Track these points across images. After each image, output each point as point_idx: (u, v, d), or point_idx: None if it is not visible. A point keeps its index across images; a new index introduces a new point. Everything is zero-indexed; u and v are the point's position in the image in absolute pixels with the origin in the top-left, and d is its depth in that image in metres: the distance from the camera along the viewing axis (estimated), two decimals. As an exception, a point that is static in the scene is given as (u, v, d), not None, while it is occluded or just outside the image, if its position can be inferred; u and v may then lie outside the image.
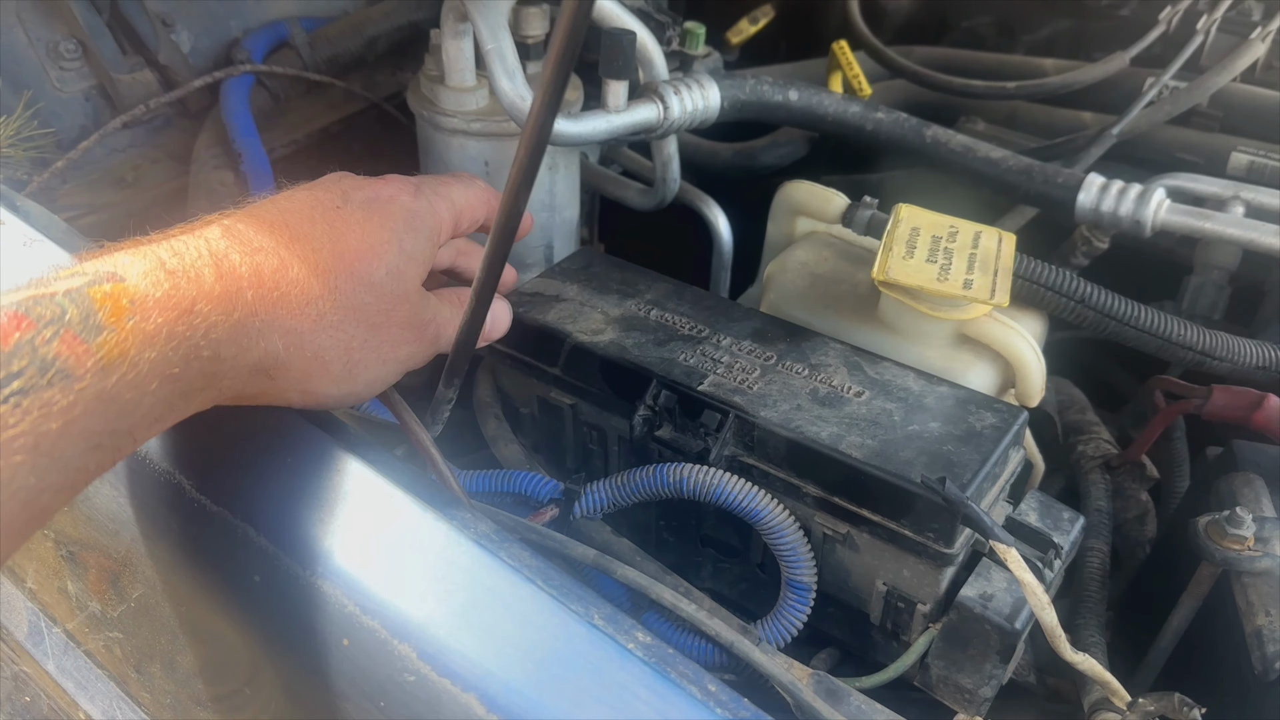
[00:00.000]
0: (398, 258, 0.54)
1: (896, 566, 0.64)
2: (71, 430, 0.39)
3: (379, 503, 0.50)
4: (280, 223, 0.51)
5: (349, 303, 0.51)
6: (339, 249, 0.52)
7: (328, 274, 0.50)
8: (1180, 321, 0.79)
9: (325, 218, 0.53)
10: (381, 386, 0.56)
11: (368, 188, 0.57)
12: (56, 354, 0.39)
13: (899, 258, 0.73)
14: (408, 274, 0.55)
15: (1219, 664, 0.67)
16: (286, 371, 0.49)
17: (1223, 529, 0.65)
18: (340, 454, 0.51)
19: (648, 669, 0.45)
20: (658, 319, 0.76)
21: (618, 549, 0.69)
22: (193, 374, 0.44)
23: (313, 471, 0.51)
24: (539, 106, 0.43)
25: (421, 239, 0.57)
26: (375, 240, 0.54)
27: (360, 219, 0.54)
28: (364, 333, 0.52)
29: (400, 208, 0.57)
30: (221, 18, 0.99)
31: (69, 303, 0.40)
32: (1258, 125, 1.09)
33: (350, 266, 0.52)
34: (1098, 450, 0.85)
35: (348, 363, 0.52)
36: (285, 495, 0.50)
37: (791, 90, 0.96)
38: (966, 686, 0.63)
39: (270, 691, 0.51)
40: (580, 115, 0.81)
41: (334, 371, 0.52)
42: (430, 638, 0.45)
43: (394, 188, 0.58)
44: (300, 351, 0.49)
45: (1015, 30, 1.32)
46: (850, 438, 0.64)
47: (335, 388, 0.52)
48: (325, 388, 0.52)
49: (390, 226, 0.55)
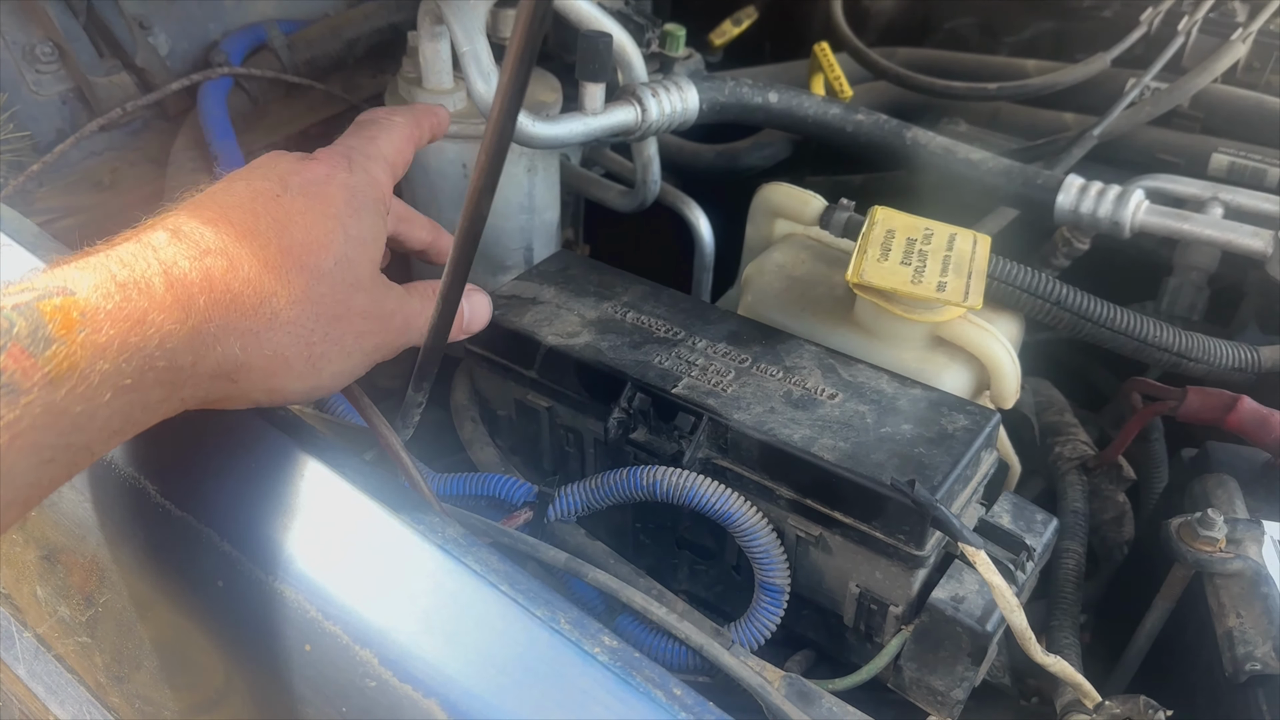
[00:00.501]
0: (344, 245, 0.53)
1: (869, 569, 0.64)
2: (19, 444, 0.39)
3: (342, 507, 0.50)
4: (224, 219, 0.49)
5: (303, 297, 0.50)
6: (285, 243, 0.51)
7: (278, 270, 0.50)
8: (1156, 323, 0.80)
9: (267, 209, 0.51)
10: (348, 378, 0.55)
11: (304, 170, 0.55)
12: (2, 367, 0.39)
13: (874, 260, 0.73)
14: (358, 260, 0.54)
15: (1192, 666, 0.67)
16: (248, 373, 0.49)
17: (1195, 530, 0.65)
18: (304, 458, 0.51)
19: (610, 674, 0.45)
20: (634, 321, 0.76)
21: (591, 552, 0.69)
22: (149, 384, 0.44)
23: (276, 475, 0.51)
24: (498, 109, 0.43)
25: (367, 218, 0.56)
26: (320, 231, 0.52)
27: (301, 207, 0.52)
28: (323, 326, 0.52)
29: (339, 187, 0.55)
30: (200, 20, 0.99)
31: (17, 316, 0.40)
32: (1239, 126, 1.09)
33: (299, 260, 0.51)
34: (1075, 452, 0.85)
35: (309, 357, 0.51)
36: (248, 500, 0.50)
37: (771, 92, 0.96)
38: (939, 688, 0.63)
39: (236, 696, 0.51)
40: (557, 118, 0.81)
41: (297, 368, 0.51)
42: (392, 643, 0.45)
43: (328, 165, 0.56)
44: (259, 352, 0.48)
45: (998, 31, 1.32)
46: (823, 440, 0.64)
47: (300, 383, 0.52)
48: (290, 384, 0.51)
49: (332, 213, 0.54)
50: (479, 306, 0.68)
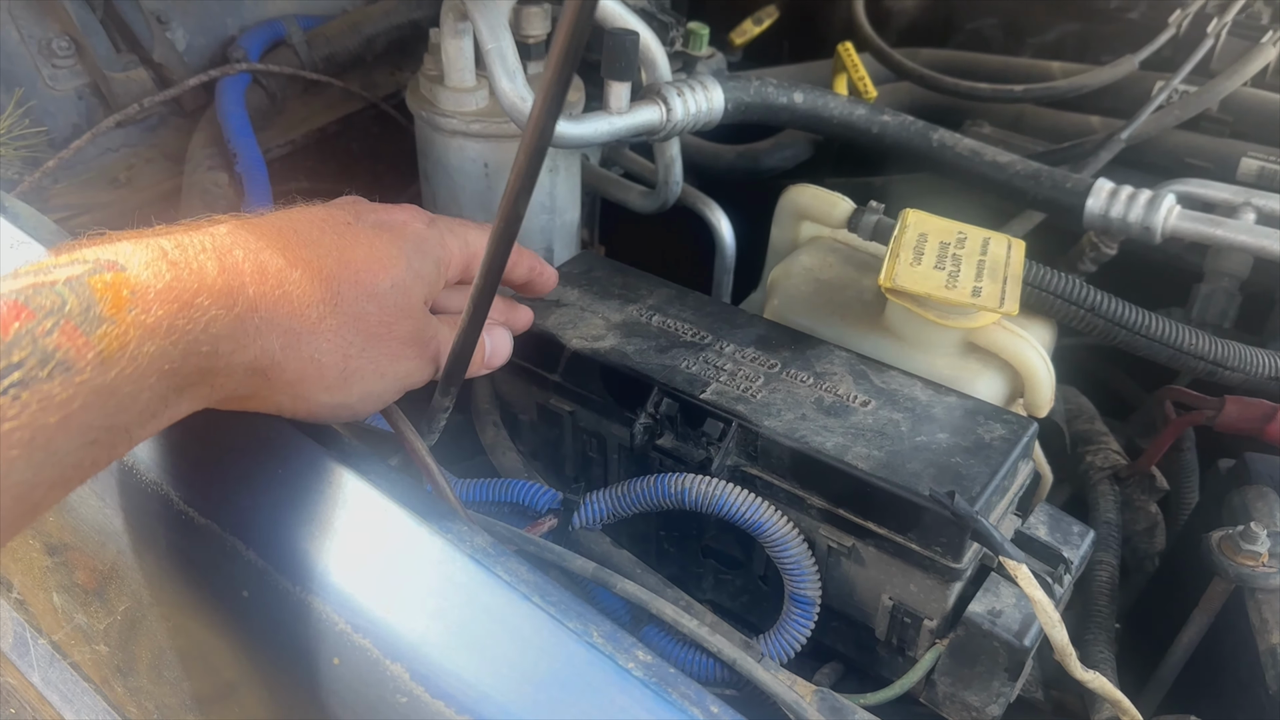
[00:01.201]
0: (404, 274, 0.54)
1: (903, 581, 0.63)
2: (70, 425, 0.38)
3: (371, 516, 0.48)
4: (289, 229, 0.50)
5: (350, 310, 0.51)
6: (345, 258, 0.51)
7: (331, 280, 0.50)
8: (1192, 330, 0.78)
9: (335, 229, 0.53)
10: (376, 402, 0.55)
11: (381, 211, 0.57)
12: (57, 345, 0.38)
13: (906, 264, 0.71)
14: (413, 290, 0.55)
15: (1231, 682, 0.66)
16: (281, 373, 0.48)
17: (1236, 544, 0.64)
18: (332, 465, 0.50)
19: (648, 690, 0.44)
20: (659, 325, 0.75)
21: (617, 561, 0.68)
22: (189, 369, 0.43)
23: (304, 483, 0.49)
24: (540, 109, 0.41)
25: (429, 263, 0.57)
26: (383, 255, 0.53)
27: (369, 235, 0.54)
28: (362, 342, 0.52)
29: (412, 233, 0.57)
30: (217, 15, 0.97)
31: (69, 292, 0.39)
32: (1268, 130, 1.07)
33: (355, 275, 0.51)
34: (1106, 461, 0.84)
35: (344, 371, 0.51)
36: (275, 508, 0.49)
37: (796, 92, 0.95)
38: (973, 704, 0.61)
39: (258, 709, 0.50)
40: (582, 117, 0.80)
41: (329, 378, 0.50)
42: (424, 658, 0.44)
43: (407, 214, 0.58)
44: (297, 353, 0.48)
45: (1022, 33, 1.30)
46: (856, 448, 0.63)
47: (329, 395, 0.51)
48: (318, 394, 0.51)
49: (399, 245, 0.55)
50: (500, 343, 0.67)
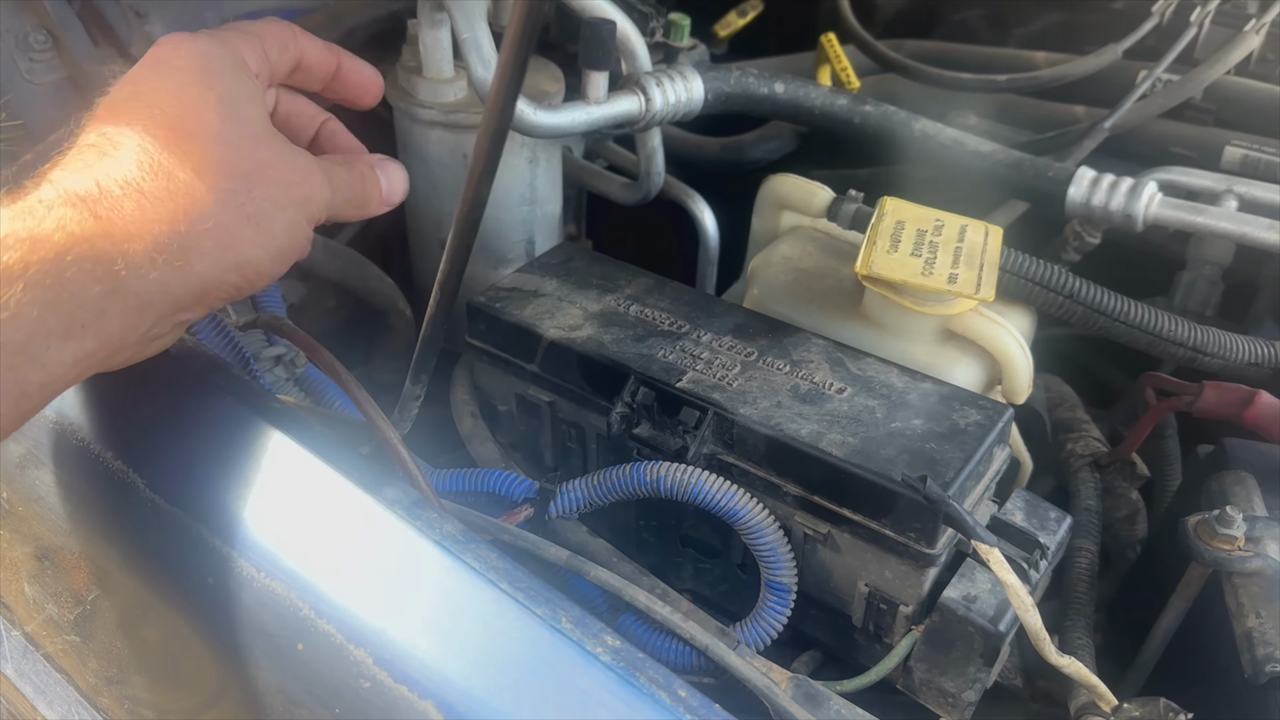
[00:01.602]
0: (220, 104, 0.51)
1: (878, 567, 0.63)
2: None
3: (336, 502, 0.48)
4: (100, 137, 0.49)
5: (206, 163, 0.49)
6: (163, 121, 0.49)
7: (168, 146, 0.49)
8: (1171, 317, 0.78)
9: (130, 108, 0.50)
10: (303, 236, 0.54)
11: (148, 59, 0.53)
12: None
13: (883, 252, 0.71)
14: (243, 117, 0.52)
15: (1209, 666, 0.66)
16: (195, 253, 0.48)
17: (1213, 528, 0.64)
18: (298, 452, 0.50)
19: (613, 674, 0.44)
20: (637, 314, 0.75)
21: (593, 549, 0.68)
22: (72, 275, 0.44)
23: (270, 470, 0.49)
24: (496, 92, 0.41)
25: (231, 76, 0.53)
26: (189, 97, 0.50)
27: (158, 87, 0.51)
28: (241, 184, 0.50)
29: (188, 55, 0.52)
30: (197, 9, 0.97)
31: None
32: (1252, 119, 1.07)
33: (183, 129, 0.49)
34: (1087, 448, 0.84)
35: (250, 218, 0.50)
36: (240, 494, 0.49)
37: (777, 83, 0.95)
38: (950, 690, 0.61)
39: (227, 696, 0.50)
40: (559, 107, 0.80)
41: (245, 233, 0.50)
42: (387, 643, 0.44)
43: (170, 43, 0.54)
44: (193, 228, 0.48)
45: (1007, 23, 1.30)
46: (831, 435, 0.63)
47: (260, 248, 0.51)
48: (251, 251, 0.50)
49: (191, 79, 0.51)
50: (395, 178, 0.63)
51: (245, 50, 0.56)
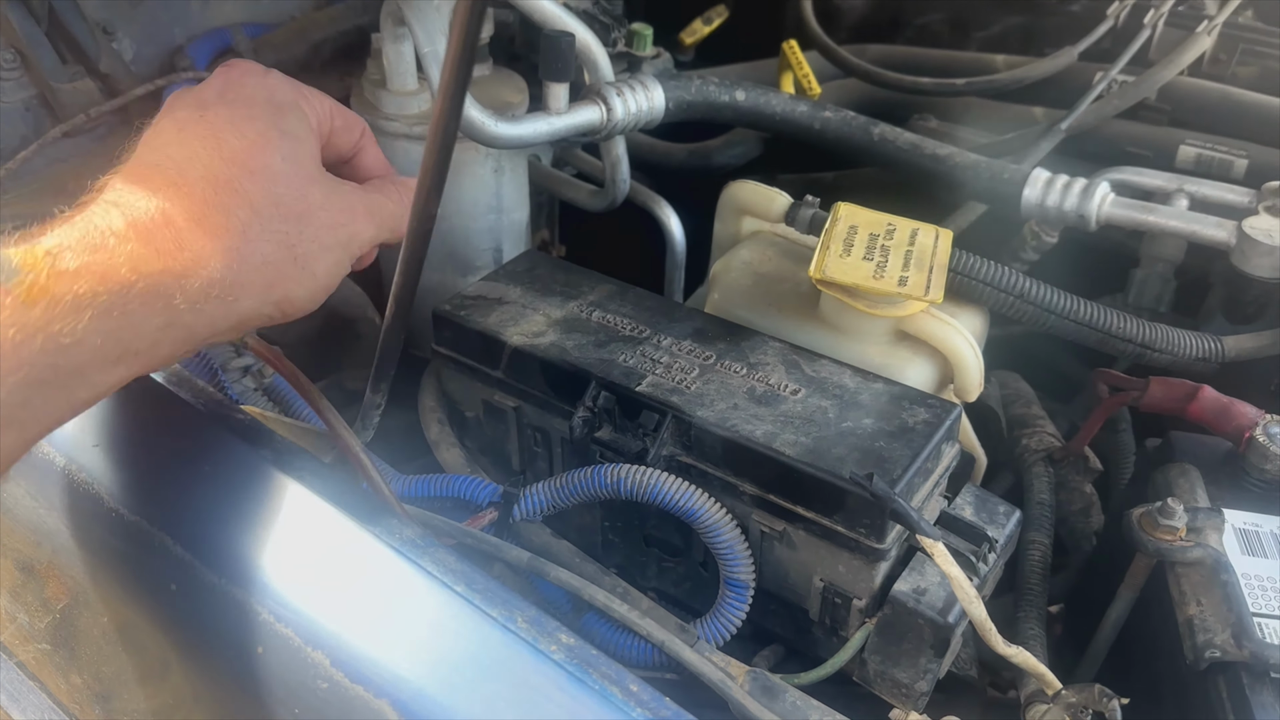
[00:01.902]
0: (282, 140, 0.53)
1: (832, 562, 0.64)
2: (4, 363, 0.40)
3: (295, 510, 0.50)
4: (164, 159, 0.50)
5: (265, 202, 0.51)
6: (225, 154, 0.50)
7: (231, 183, 0.50)
8: (1119, 314, 0.80)
9: (196, 132, 0.51)
10: (341, 272, 0.56)
11: (214, 83, 0.55)
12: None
13: (836, 256, 0.73)
14: (302, 155, 0.54)
15: (1156, 654, 0.67)
16: (243, 289, 0.49)
17: (1155, 520, 0.65)
18: (258, 462, 0.51)
19: (563, 671, 0.45)
20: (599, 320, 0.76)
21: (556, 551, 0.69)
22: (135, 307, 0.45)
23: (230, 479, 0.51)
24: (440, 110, 0.43)
25: (291, 115, 0.55)
26: (253, 133, 0.52)
27: (226, 117, 0.52)
28: (293, 225, 0.52)
29: (256, 88, 0.55)
30: (164, 25, 0.98)
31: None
32: (1205, 118, 1.10)
33: (245, 165, 0.51)
34: (1041, 443, 0.86)
35: (296, 259, 0.52)
36: (202, 504, 0.50)
37: (738, 90, 0.97)
38: (903, 680, 0.63)
39: (192, 699, 0.51)
40: (520, 117, 0.81)
41: (290, 272, 0.52)
42: (344, 645, 0.45)
43: (238, 70, 0.56)
44: (246, 266, 0.49)
45: (967, 27, 1.33)
46: (785, 435, 0.65)
47: (301, 287, 0.53)
48: (290, 291, 0.52)
49: (257, 113, 0.53)
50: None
51: (308, 95, 0.58)
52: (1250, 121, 1.07)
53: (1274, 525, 0.67)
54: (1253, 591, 0.63)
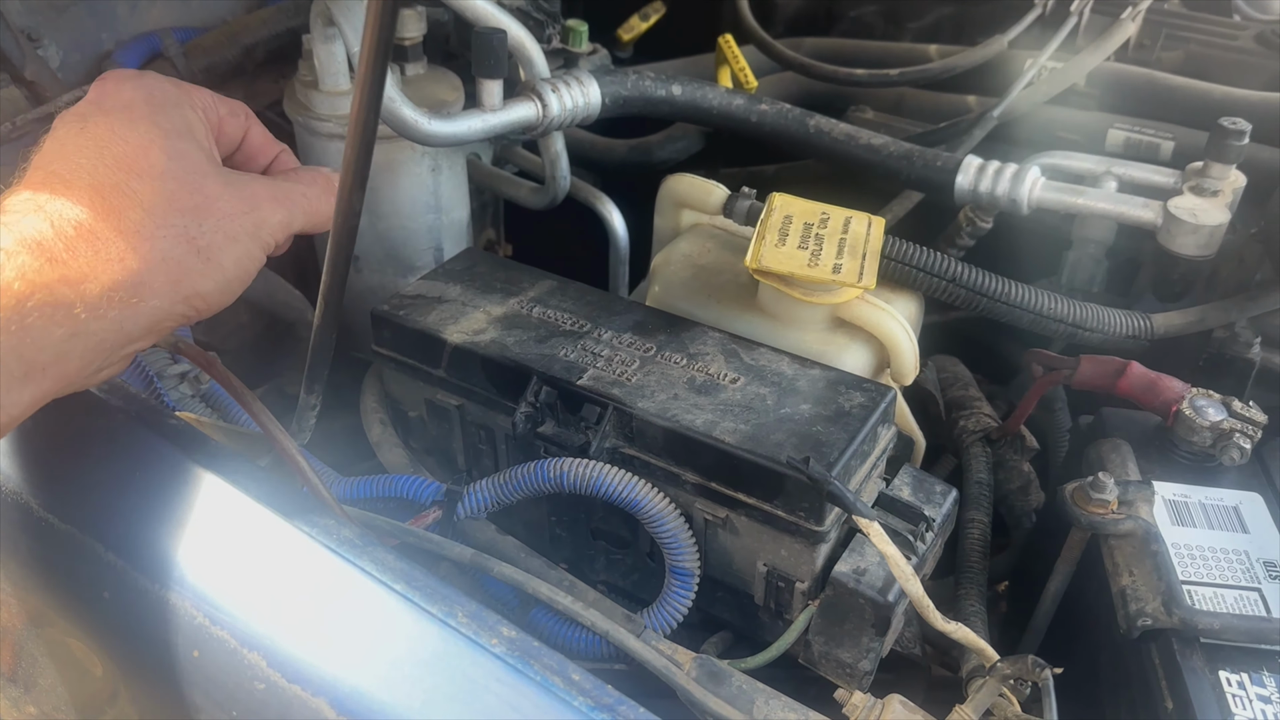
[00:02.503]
0: (166, 140, 0.52)
1: (774, 547, 0.65)
2: None
3: (229, 513, 0.49)
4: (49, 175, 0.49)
5: (155, 199, 0.50)
6: (110, 160, 0.50)
7: (118, 187, 0.49)
8: (1050, 295, 0.82)
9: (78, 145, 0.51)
10: (253, 264, 0.55)
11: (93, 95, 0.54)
12: None
13: (771, 245, 0.74)
14: (189, 151, 0.53)
15: (1094, 625, 0.69)
16: (148, 289, 0.49)
17: (1087, 494, 0.67)
18: (190, 466, 0.51)
19: (502, 664, 0.46)
20: (540, 316, 0.76)
21: (501, 547, 0.69)
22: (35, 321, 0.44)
23: (162, 484, 0.50)
24: (358, 108, 0.43)
25: (174, 111, 0.54)
26: (135, 136, 0.51)
27: (104, 125, 0.51)
28: (191, 219, 0.51)
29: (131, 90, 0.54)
30: (91, 30, 0.97)
31: None
32: (1133, 102, 1.12)
33: (131, 168, 0.50)
34: (978, 424, 0.87)
35: (200, 252, 0.51)
36: (134, 510, 0.50)
37: (675, 85, 0.97)
38: (846, 661, 0.64)
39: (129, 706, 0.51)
40: (455, 116, 0.81)
41: (194, 265, 0.51)
42: (281, 646, 0.45)
43: (111, 80, 0.55)
44: (146, 265, 0.48)
45: (901, 18, 1.34)
46: (724, 424, 0.65)
47: (209, 281, 0.52)
48: (198, 285, 0.51)
49: (139, 115, 0.52)
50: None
51: (189, 90, 0.57)
52: (1176, 105, 1.09)
53: (1202, 496, 0.69)
54: (1182, 560, 0.65)
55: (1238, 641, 0.60)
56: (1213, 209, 0.87)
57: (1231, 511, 0.68)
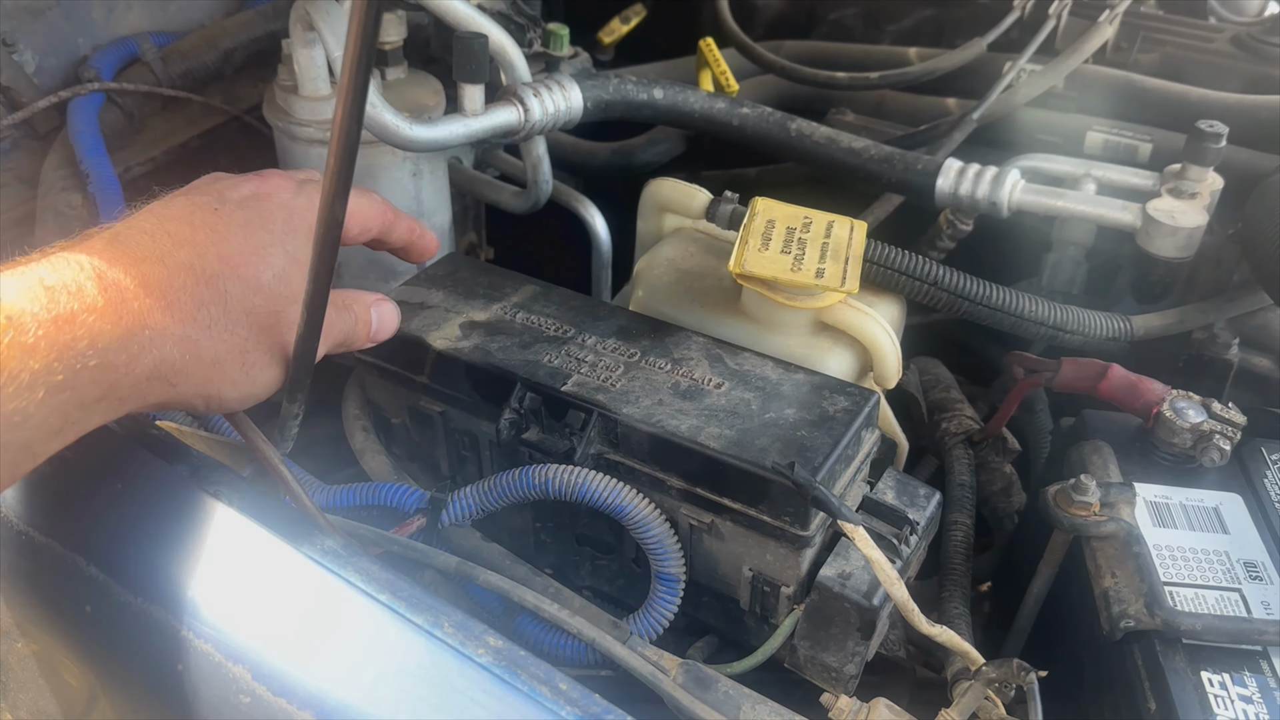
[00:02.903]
0: (282, 260, 0.54)
1: (759, 552, 0.65)
2: None
3: (212, 525, 0.49)
4: (161, 230, 0.51)
5: (239, 308, 0.52)
6: (223, 253, 0.52)
7: (215, 279, 0.51)
8: (1031, 298, 0.82)
9: (205, 221, 0.52)
10: (278, 384, 0.56)
11: (245, 185, 0.57)
12: None
13: (755, 250, 0.74)
14: (293, 277, 0.55)
15: (1077, 627, 0.69)
16: (186, 378, 0.49)
17: (1069, 496, 0.67)
18: (173, 477, 0.50)
19: (489, 674, 0.45)
20: (524, 322, 0.76)
21: (486, 555, 0.69)
22: (83, 383, 0.44)
23: (143, 497, 0.50)
24: (341, 114, 0.42)
25: (303, 239, 0.56)
26: (258, 243, 0.53)
27: (240, 220, 0.54)
28: (256, 335, 0.53)
29: (279, 206, 0.56)
30: (68, 35, 0.96)
31: None
32: (1110, 104, 1.13)
33: (236, 270, 0.52)
34: (960, 427, 0.88)
35: (244, 365, 0.52)
36: (116, 523, 0.49)
37: (656, 89, 0.97)
38: (832, 665, 0.64)
39: None
40: (436, 121, 0.81)
41: (232, 375, 0.52)
42: (265, 658, 0.45)
43: (272, 184, 0.57)
44: (197, 358, 0.49)
45: (880, 21, 1.35)
46: (709, 429, 0.65)
47: (235, 390, 0.53)
48: (226, 390, 0.52)
49: (270, 228, 0.55)
50: (387, 316, 0.66)
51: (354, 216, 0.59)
52: (1153, 106, 1.10)
53: (1183, 497, 0.70)
54: (1164, 561, 0.65)
55: (1219, 642, 0.61)
56: (1191, 211, 0.88)
57: (1212, 512, 0.69)
